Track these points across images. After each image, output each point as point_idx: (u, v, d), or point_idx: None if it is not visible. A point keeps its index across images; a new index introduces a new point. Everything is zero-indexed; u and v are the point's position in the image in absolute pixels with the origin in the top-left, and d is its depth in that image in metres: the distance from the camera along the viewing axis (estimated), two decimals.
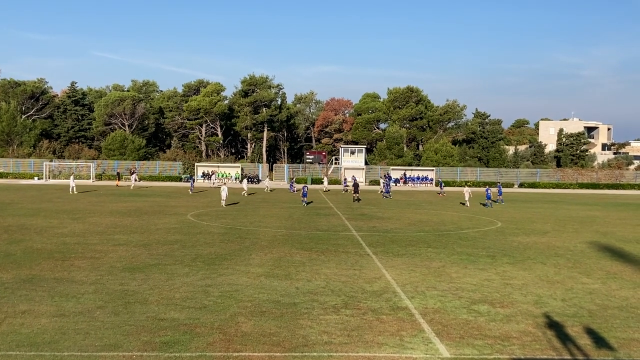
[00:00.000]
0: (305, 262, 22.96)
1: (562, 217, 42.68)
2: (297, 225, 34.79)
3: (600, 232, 34.58)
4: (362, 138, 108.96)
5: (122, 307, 15.89)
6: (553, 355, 13.05)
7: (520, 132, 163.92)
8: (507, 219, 40.42)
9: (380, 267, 22.30)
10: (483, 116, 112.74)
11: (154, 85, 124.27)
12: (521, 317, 15.90)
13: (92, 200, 49.78)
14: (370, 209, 46.34)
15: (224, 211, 42.63)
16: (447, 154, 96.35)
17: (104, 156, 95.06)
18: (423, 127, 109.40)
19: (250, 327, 14.40)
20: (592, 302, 17.66)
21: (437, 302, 17.20)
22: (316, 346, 13.18)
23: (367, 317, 15.51)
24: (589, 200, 62.57)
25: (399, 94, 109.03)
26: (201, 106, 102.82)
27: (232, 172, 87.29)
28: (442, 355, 12.88)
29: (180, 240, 27.96)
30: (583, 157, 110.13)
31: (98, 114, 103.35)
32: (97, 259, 22.90)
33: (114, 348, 12.76)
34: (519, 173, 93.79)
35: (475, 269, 22.46)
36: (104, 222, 34.68)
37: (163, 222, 35.23)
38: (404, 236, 31.12)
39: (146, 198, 53.51)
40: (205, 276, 20.05)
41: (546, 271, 22.28)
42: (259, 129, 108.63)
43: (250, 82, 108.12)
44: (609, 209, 51.11)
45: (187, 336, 13.58)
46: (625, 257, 25.75)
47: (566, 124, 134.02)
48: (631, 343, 13.94)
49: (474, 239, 30.69)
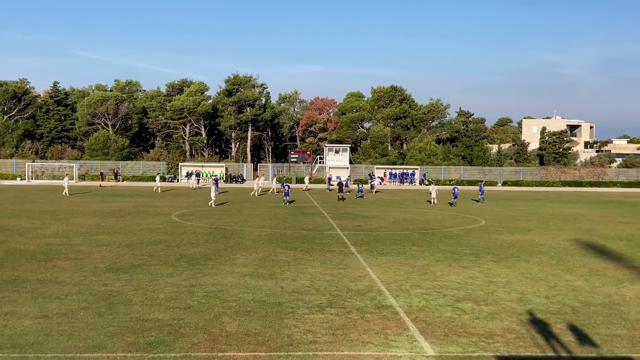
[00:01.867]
0: (290, 262, 22.95)
1: (546, 215, 42.95)
2: (282, 225, 34.77)
3: (583, 229, 34.83)
4: (346, 137, 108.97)
5: (106, 308, 15.82)
6: (537, 352, 13.13)
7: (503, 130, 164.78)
8: (491, 217, 40.62)
9: (365, 266, 22.34)
10: (466, 115, 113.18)
11: (137, 85, 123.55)
12: (505, 314, 15.99)
13: (75, 201, 49.47)
14: (354, 208, 46.39)
15: (208, 211, 42.51)
16: (431, 153, 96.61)
17: (87, 156, 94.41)
18: (407, 126, 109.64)
19: (235, 327, 14.38)
20: (575, 299, 17.79)
21: (422, 301, 17.26)
22: (301, 345, 13.18)
23: (351, 316, 15.54)
24: (572, 198, 63.00)
25: (383, 93, 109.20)
26: (185, 106, 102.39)
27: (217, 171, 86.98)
28: (427, 353, 12.92)
29: (165, 241, 27.86)
30: (566, 155, 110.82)
31: (81, 114, 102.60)
32: (80, 259, 22.77)
33: (98, 349, 12.70)
34: (502, 171, 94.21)
35: (460, 267, 22.55)
36: (88, 222, 34.48)
37: (147, 222, 35.08)
38: (388, 235, 31.19)
39: (130, 198, 53.24)
40: (189, 276, 19.99)
41: (530, 269, 22.42)
42: (243, 129, 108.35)
43: (234, 81, 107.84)
44: (592, 207, 51.49)
45: (171, 337, 13.54)
46: (608, 255, 25.95)
47: (549, 122, 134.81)
48: (614, 339, 14.06)
49: (458, 237, 30.81)
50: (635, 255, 25.93)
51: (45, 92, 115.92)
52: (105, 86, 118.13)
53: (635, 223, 38.55)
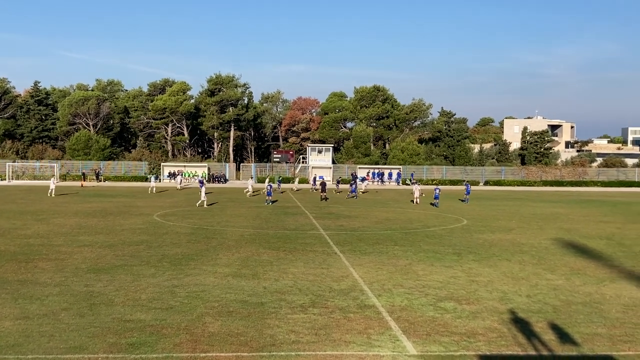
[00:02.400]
0: (272, 262, 22.93)
1: (527, 215, 43.22)
2: (265, 225, 34.72)
3: (564, 228, 35.09)
4: (329, 137, 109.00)
5: (88, 309, 15.72)
6: (518, 351, 13.21)
7: (485, 130, 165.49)
8: (472, 217, 40.81)
9: (347, 266, 22.36)
10: (449, 115, 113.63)
11: (118, 85, 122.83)
12: (487, 313, 16.07)
13: (56, 201, 49.12)
14: (337, 208, 46.43)
15: (190, 211, 42.38)
16: (414, 153, 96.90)
17: (68, 156, 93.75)
18: (390, 125, 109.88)
19: (217, 327, 14.34)
20: (556, 298, 17.92)
21: (404, 300, 17.31)
22: (284, 345, 13.17)
23: (334, 315, 15.55)
24: (553, 198, 63.45)
25: (366, 93, 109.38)
26: (167, 105, 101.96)
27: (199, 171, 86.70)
28: (409, 352, 12.96)
29: (147, 241, 27.73)
30: (547, 154, 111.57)
31: (62, 113, 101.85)
32: (61, 260, 22.62)
33: (79, 350, 12.62)
34: (484, 171, 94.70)
35: (442, 266, 22.64)
36: (69, 223, 34.24)
37: (129, 222, 34.90)
38: (371, 234, 31.25)
39: (112, 198, 52.93)
40: (171, 277, 19.91)
41: (511, 268, 22.55)
42: (225, 129, 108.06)
43: (217, 81, 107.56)
44: (573, 206, 51.89)
45: (153, 337, 13.48)
46: (588, 254, 26.17)
47: (530, 122, 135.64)
48: (594, 338, 14.17)
49: (440, 236, 30.93)
50: (616, 254, 26.16)
51: (26, 92, 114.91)
52: (86, 86, 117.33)
53: (616, 222, 38.90)
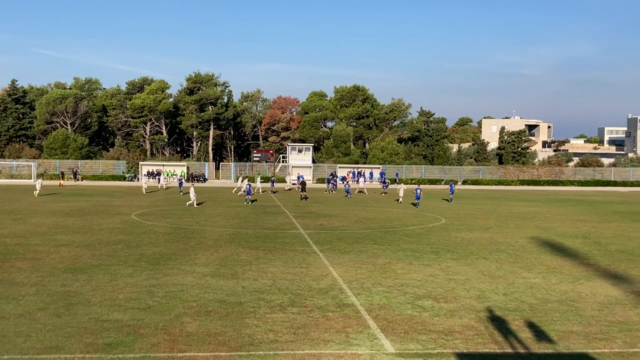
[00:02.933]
0: (252, 261, 22.91)
1: (504, 213, 43.54)
2: (244, 224, 34.67)
3: (541, 227, 35.40)
4: (309, 136, 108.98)
5: (64, 309, 15.61)
6: (495, 349, 13.32)
7: (463, 130, 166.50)
8: (451, 216, 41.03)
9: (327, 265, 22.40)
10: (428, 115, 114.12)
11: (96, 83, 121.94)
12: (464, 311, 16.18)
13: (33, 201, 48.67)
14: (317, 207, 46.46)
15: (169, 210, 42.19)
16: (393, 152, 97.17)
17: (45, 155, 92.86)
18: (369, 125, 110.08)
19: (195, 327, 14.31)
20: (532, 296, 18.08)
21: (383, 299, 17.38)
22: (262, 345, 13.17)
23: (313, 314, 15.58)
24: (530, 197, 63.96)
25: (346, 92, 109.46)
26: (145, 104, 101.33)
27: (178, 170, 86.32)
28: (387, 350, 13.02)
29: (124, 240, 27.58)
30: (524, 154, 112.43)
31: (39, 112, 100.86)
32: (38, 260, 22.43)
33: (55, 350, 12.53)
34: (462, 170, 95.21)
35: (420, 265, 22.76)
36: (46, 222, 33.95)
37: (107, 222, 34.68)
38: (350, 233, 31.32)
39: (89, 198, 52.54)
40: (149, 276, 19.83)
41: (488, 266, 22.72)
42: (204, 127, 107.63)
43: (196, 79, 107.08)
44: (549, 205, 52.34)
45: (130, 337, 13.42)
46: (564, 252, 26.42)
47: (508, 122, 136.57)
48: (570, 336, 14.33)
49: (419, 235, 31.08)
50: (592, 252, 26.44)
51: (2, 90, 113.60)
52: (64, 84, 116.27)
53: (592, 221, 39.31)
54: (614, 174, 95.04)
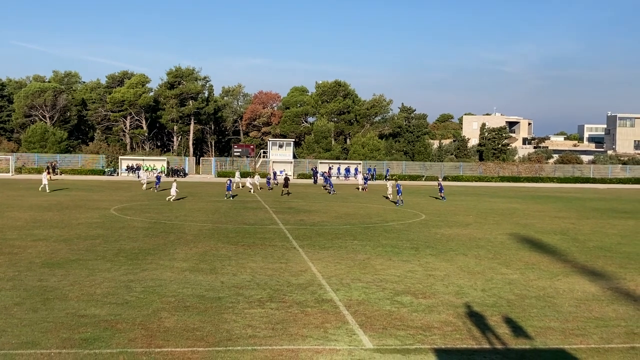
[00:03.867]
0: (231, 256, 22.84)
1: (484, 210, 43.75)
2: (224, 219, 34.55)
3: (520, 224, 35.61)
4: (290, 131, 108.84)
5: (41, 304, 15.47)
6: (473, 345, 13.38)
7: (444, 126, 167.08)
8: (430, 212, 41.16)
9: (306, 260, 22.39)
10: (409, 111, 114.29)
11: (76, 77, 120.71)
12: (443, 307, 16.24)
13: (10, 194, 48.16)
14: (297, 203, 46.41)
15: (148, 205, 41.94)
16: (374, 148, 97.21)
17: (23, 149, 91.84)
18: (350, 121, 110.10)
19: (173, 322, 14.24)
20: (510, 292, 18.19)
21: (362, 294, 17.39)
22: (240, 340, 13.14)
23: (292, 310, 15.56)
24: (510, 193, 64.33)
25: (327, 88, 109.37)
26: (125, 98, 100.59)
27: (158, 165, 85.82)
28: (366, 346, 13.04)
29: (103, 235, 27.38)
30: (504, 151, 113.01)
31: (17, 105, 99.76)
32: (15, 254, 22.21)
33: (31, 346, 12.42)
34: (443, 167, 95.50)
35: (400, 260, 22.81)
36: (23, 216, 33.61)
37: (85, 216, 34.40)
38: (330, 229, 31.31)
39: (68, 192, 52.08)
40: (127, 271, 19.70)
41: (467, 262, 22.82)
42: (185, 122, 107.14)
43: (176, 74, 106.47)
44: (529, 202, 52.67)
45: (108, 332, 13.33)
46: (543, 248, 26.61)
47: (489, 118, 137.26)
48: (547, 331, 14.43)
49: (398, 231, 31.14)
50: (570, 249, 26.65)
51: None
52: (43, 77, 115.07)
53: (570, 218, 39.61)
54: (593, 171, 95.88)
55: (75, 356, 11.94)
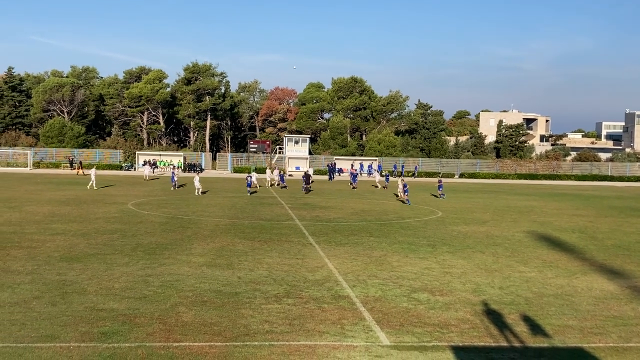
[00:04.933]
0: (247, 252, 22.89)
1: (501, 207, 43.54)
2: (240, 215, 34.63)
3: (538, 221, 35.42)
4: (306, 128, 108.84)
5: (60, 298, 15.59)
6: (490, 342, 13.33)
7: (461, 123, 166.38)
8: (447, 209, 41.02)
9: (322, 256, 22.40)
10: (425, 107, 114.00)
11: (94, 72, 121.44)
12: (460, 305, 16.19)
13: (29, 189, 48.56)
14: (313, 199, 46.43)
15: (165, 200, 42.13)
16: (390, 144, 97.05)
17: (41, 143, 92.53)
18: (366, 117, 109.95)
19: (191, 317, 14.30)
20: (528, 290, 18.10)
21: (378, 291, 17.38)
22: (257, 335, 13.17)
23: (308, 306, 15.57)
24: (527, 191, 63.97)
25: (343, 84, 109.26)
26: (142, 93, 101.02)
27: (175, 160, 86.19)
28: (382, 343, 13.03)
29: (120, 230, 27.53)
30: (522, 148, 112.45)
31: (36, 100, 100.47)
32: (33, 248, 22.39)
33: (50, 339, 12.52)
34: (459, 163, 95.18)
35: (416, 257, 22.76)
36: (42, 211, 33.88)
37: (103, 211, 34.61)
38: (346, 225, 31.30)
39: (85, 186, 52.41)
40: (145, 266, 19.80)
41: (485, 260, 22.73)
42: (202, 118, 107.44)
43: (193, 69, 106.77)
44: (546, 199, 52.36)
45: (126, 326, 13.41)
46: (561, 246, 26.45)
47: (506, 115, 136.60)
48: (566, 330, 14.35)
49: (415, 228, 31.07)
50: (588, 247, 26.47)
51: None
52: (61, 72, 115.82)
53: (588, 216, 39.34)
54: (611, 168, 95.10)
55: (94, 350, 12.02)
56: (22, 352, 11.77)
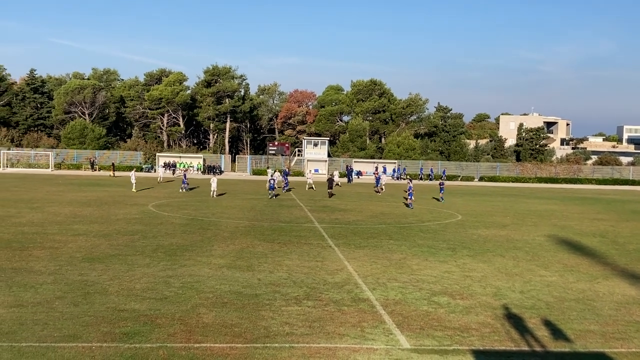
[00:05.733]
0: (267, 254, 22.94)
1: (521, 211, 43.30)
2: (260, 217, 34.72)
3: (558, 225, 35.18)
4: (325, 130, 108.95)
5: (82, 298, 15.72)
6: (511, 347, 13.27)
7: (481, 126, 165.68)
8: (467, 212, 40.86)
9: (342, 259, 22.40)
10: (445, 110, 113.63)
11: (115, 74, 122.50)
12: (480, 308, 16.13)
13: (51, 190, 49.01)
14: (332, 201, 46.43)
15: (185, 202, 42.34)
16: (409, 147, 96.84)
17: (63, 145, 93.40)
18: (386, 120, 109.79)
19: (211, 318, 14.36)
20: (549, 295, 17.99)
21: (398, 294, 17.35)
22: (278, 337, 13.20)
23: (328, 308, 15.58)
24: (548, 194, 63.57)
25: (363, 86, 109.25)
26: (163, 96, 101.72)
27: (195, 162, 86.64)
28: (403, 346, 13.01)
29: (141, 231, 27.71)
30: (542, 151, 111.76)
31: (57, 102, 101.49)
32: (56, 249, 22.59)
33: (73, 339, 12.63)
34: (479, 167, 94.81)
35: (436, 261, 22.69)
36: (63, 211, 34.18)
37: (124, 212, 34.85)
38: (365, 228, 31.28)
39: (107, 188, 52.83)
40: (166, 267, 19.92)
41: (505, 264, 22.62)
42: (221, 120, 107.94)
43: (213, 72, 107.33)
44: (567, 203, 52.00)
45: (147, 327, 13.50)
46: (582, 250, 26.26)
47: (526, 118, 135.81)
48: (587, 334, 14.24)
49: (434, 231, 30.98)
50: (609, 251, 26.26)
51: (21, 80, 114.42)
52: (82, 74, 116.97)
53: (610, 220, 39.02)
54: (632, 172, 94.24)
55: (115, 350, 12.11)
56: (45, 352, 11.89)
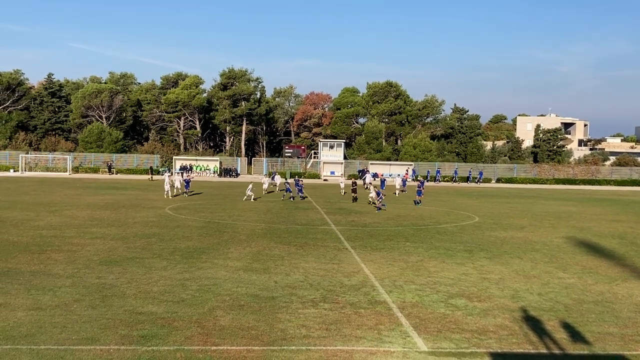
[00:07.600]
0: (284, 256, 22.95)
1: (539, 212, 43.04)
2: (276, 219, 34.75)
3: (577, 227, 34.92)
4: (341, 132, 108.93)
5: (100, 301, 15.80)
6: (529, 349, 13.18)
7: (498, 127, 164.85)
8: (484, 214, 40.68)
9: (358, 261, 22.36)
10: (461, 111, 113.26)
11: (131, 78, 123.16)
12: (498, 311, 16.03)
13: (68, 193, 49.36)
14: (348, 203, 46.38)
15: (202, 205, 42.47)
16: (426, 149, 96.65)
17: (80, 149, 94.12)
18: (402, 121, 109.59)
19: (228, 320, 14.38)
20: (568, 297, 17.85)
21: (415, 296, 17.29)
22: (294, 340, 13.19)
23: (345, 311, 15.55)
24: (565, 196, 63.16)
25: (378, 88, 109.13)
26: (179, 99, 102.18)
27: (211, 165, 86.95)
28: (420, 349, 12.95)
29: (158, 234, 27.82)
30: (560, 152, 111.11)
31: (75, 105, 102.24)
32: (74, 252, 22.73)
33: (91, 342, 12.69)
34: (496, 168, 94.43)
35: (453, 263, 22.60)
36: (81, 215, 34.40)
37: (141, 215, 35.02)
38: (382, 230, 31.21)
39: (124, 191, 53.14)
40: (183, 270, 19.98)
41: (523, 266, 22.48)
42: (237, 123, 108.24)
43: (229, 75, 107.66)
44: (585, 205, 51.63)
45: (165, 330, 13.54)
46: (600, 252, 26.04)
47: (543, 119, 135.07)
48: (606, 337, 14.12)
49: (451, 233, 30.85)
50: (628, 253, 26.03)
51: (39, 84, 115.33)
52: (99, 78, 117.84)
53: (628, 221, 38.69)
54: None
55: (133, 352, 12.15)
56: (64, 355, 11.95)
